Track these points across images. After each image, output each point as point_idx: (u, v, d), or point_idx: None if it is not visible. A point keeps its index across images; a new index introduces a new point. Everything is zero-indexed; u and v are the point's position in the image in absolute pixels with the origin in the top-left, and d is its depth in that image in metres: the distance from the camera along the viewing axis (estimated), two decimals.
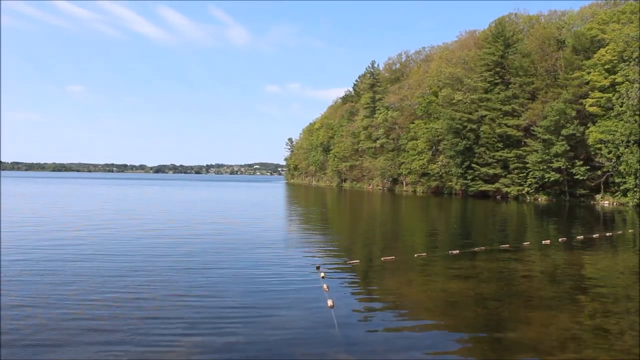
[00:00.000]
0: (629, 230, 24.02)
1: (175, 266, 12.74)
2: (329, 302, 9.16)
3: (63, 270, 11.93)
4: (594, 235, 21.10)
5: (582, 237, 20.62)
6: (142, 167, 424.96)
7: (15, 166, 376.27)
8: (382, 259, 14.36)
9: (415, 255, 15.02)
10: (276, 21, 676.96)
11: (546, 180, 53.34)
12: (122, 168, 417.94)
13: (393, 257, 14.61)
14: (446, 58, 74.13)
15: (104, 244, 16.54)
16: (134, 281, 10.92)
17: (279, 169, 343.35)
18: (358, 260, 14.02)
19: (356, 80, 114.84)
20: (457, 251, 15.79)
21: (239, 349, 6.99)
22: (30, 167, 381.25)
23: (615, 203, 47.56)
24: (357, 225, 27.93)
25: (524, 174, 56.57)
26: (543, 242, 18.72)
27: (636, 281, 11.89)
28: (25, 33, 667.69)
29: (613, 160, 47.24)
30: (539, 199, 55.22)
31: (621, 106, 46.73)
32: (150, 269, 12.35)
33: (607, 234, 21.88)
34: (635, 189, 45.00)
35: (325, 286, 10.50)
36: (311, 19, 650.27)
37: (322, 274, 11.75)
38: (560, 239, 19.56)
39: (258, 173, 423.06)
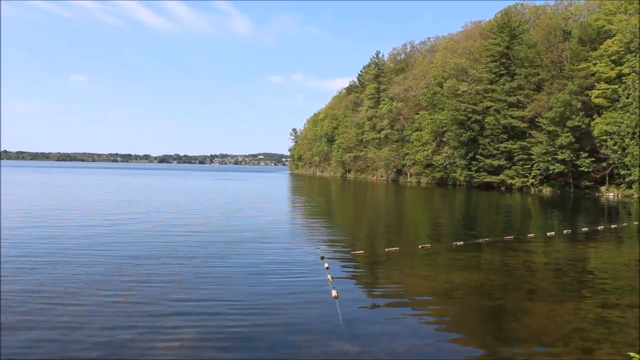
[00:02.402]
0: (634, 223, 23.95)
1: (178, 257, 12.79)
2: (333, 293, 9.20)
3: (64, 264, 11.96)
4: (599, 227, 21.06)
5: (586, 229, 20.60)
6: (146, 157, 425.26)
7: (20, 155, 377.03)
8: (386, 249, 14.40)
9: (420, 247, 15.04)
10: (278, 11, 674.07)
11: (551, 171, 53.19)
12: (127, 158, 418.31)
13: (397, 248, 14.64)
14: (451, 49, 73.69)
15: (107, 235, 16.60)
16: (135, 274, 10.96)
17: (283, 160, 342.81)
18: (362, 251, 14.06)
19: (360, 71, 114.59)
20: (461, 242, 15.81)
21: (242, 338, 7.03)
22: (34, 156, 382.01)
23: (620, 195, 47.41)
24: (361, 216, 27.96)
25: (529, 166, 56.41)
26: (547, 233, 18.71)
27: None
28: (27, 22, 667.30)
29: (618, 152, 47.03)
30: (544, 191, 55.10)
31: (627, 98, 46.43)
32: (153, 260, 12.40)
33: (612, 226, 21.84)
34: None
35: (329, 277, 10.54)
36: (314, 9, 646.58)
37: (326, 265, 11.79)
38: (564, 231, 19.53)
39: (262, 163, 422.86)
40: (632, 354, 6.14)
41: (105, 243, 14.64)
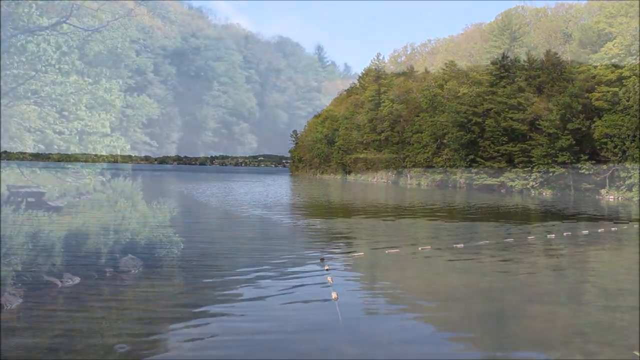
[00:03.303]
0: (634, 225, 23.93)
1: (177, 258, 12.77)
2: (333, 295, 9.18)
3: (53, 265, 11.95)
4: (599, 230, 21.03)
5: (586, 231, 20.57)
6: (146, 158, 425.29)
7: (21, 156, 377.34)
8: (387, 251, 14.37)
9: (420, 248, 15.03)
10: (279, 11, 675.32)
11: (551, 174, 53.20)
12: (127, 159, 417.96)
13: (397, 249, 14.62)
14: (452, 51, 73.79)
15: (105, 237, 16.59)
16: (134, 275, 10.95)
17: (283, 161, 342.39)
18: (362, 253, 14.04)
19: (361, 73, 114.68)
20: (462, 245, 15.79)
21: (241, 340, 7.01)
22: (35, 157, 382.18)
23: (620, 198, 47.40)
24: (362, 217, 27.92)
25: (529, 168, 56.41)
26: (548, 236, 18.69)
27: None
28: None
29: (619, 155, 47.06)
30: (544, 193, 55.06)
31: (628, 100, 46.45)
32: (153, 262, 12.39)
33: (612, 229, 21.82)
34: None
35: (329, 278, 10.52)
36: (314, 9, 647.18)
37: (326, 266, 11.78)
38: (565, 233, 19.51)
39: (262, 165, 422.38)
40: (637, 354, 6.12)
41: (93, 248, 14.62)
